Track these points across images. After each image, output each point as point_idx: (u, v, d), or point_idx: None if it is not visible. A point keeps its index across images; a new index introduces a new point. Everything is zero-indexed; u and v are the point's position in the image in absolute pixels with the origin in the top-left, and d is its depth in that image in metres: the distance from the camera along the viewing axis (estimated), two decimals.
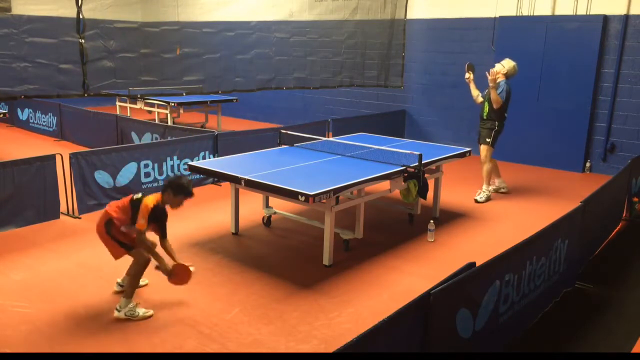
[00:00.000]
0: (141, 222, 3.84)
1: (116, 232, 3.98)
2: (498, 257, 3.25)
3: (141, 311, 3.96)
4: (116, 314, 3.93)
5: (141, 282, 4.25)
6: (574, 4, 8.77)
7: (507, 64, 7.03)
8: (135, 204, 3.91)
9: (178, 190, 3.95)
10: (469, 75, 7.26)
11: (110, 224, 3.97)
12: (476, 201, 7.08)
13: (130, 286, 4.00)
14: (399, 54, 9.81)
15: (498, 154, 9.66)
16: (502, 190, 7.45)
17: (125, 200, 4.02)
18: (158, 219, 3.99)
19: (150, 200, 3.90)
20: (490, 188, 7.30)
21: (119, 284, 4.33)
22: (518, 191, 7.66)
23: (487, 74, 6.89)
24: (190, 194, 3.99)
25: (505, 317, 3.46)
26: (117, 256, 4.03)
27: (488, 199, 7.16)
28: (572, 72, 8.74)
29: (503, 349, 3.49)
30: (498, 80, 6.87)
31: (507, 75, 7.03)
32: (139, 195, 4.00)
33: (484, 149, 7.17)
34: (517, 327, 3.67)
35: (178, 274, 4.08)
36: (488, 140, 7.09)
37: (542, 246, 3.80)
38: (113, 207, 4.00)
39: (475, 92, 7.32)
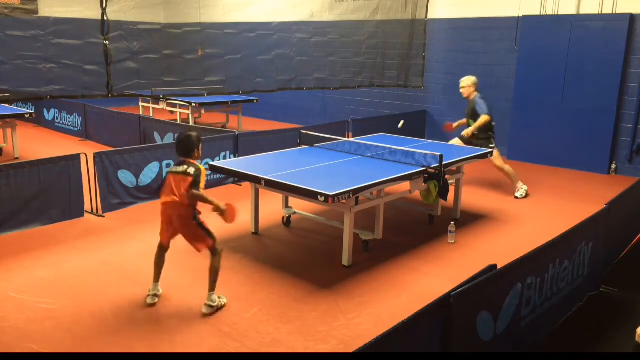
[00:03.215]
0: (202, 185, 3.94)
1: (201, 219, 4.04)
2: (520, 259, 3.21)
3: (224, 299, 4.15)
4: (207, 310, 3.99)
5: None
6: (599, 2, 8.61)
7: (469, 80, 7.14)
8: (194, 174, 3.92)
9: (197, 143, 4.08)
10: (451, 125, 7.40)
11: (196, 211, 4.01)
12: (516, 197, 7.23)
13: (214, 280, 4.05)
14: (420, 54, 9.76)
15: (521, 154, 9.57)
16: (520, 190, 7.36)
17: (175, 181, 3.95)
18: None
19: (199, 165, 4.00)
20: (523, 186, 7.37)
21: (152, 296, 4.19)
22: (542, 193, 7.55)
23: (464, 134, 7.12)
24: (201, 137, 4.18)
25: (528, 321, 3.41)
26: (201, 245, 4.03)
27: (526, 194, 7.32)
28: (597, 72, 8.58)
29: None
30: (472, 97, 7.10)
31: (477, 88, 7.16)
32: (182, 168, 3.97)
33: (494, 157, 6.93)
34: (539, 330, 3.62)
35: (230, 213, 4.06)
36: (492, 146, 6.97)
37: (566, 249, 3.74)
38: (183, 196, 3.91)
39: (463, 121, 7.41)
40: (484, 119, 6.90)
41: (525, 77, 9.32)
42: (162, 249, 4.23)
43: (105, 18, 6.13)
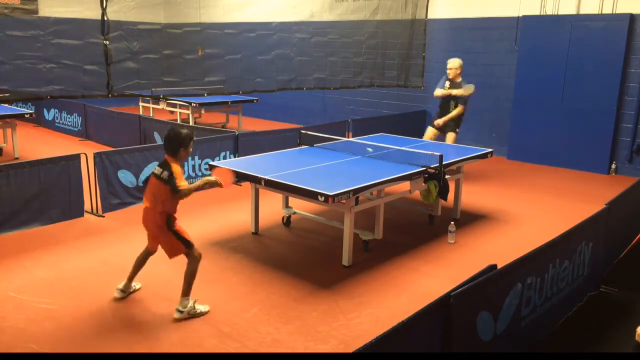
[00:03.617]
0: (183, 183, 3.79)
1: (177, 227, 3.94)
2: (520, 259, 3.21)
3: (201, 307, 3.98)
4: (178, 315, 3.90)
5: (136, 286, 4.28)
6: (599, 2, 8.61)
7: (457, 62, 7.50)
8: (168, 179, 3.80)
9: (189, 141, 3.92)
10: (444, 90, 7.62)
11: (170, 219, 3.90)
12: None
13: (188, 284, 3.95)
14: (420, 54, 9.76)
15: (521, 154, 9.57)
16: None
17: (153, 186, 3.90)
18: None
19: (175, 165, 3.84)
20: None
21: (120, 290, 4.21)
22: (541, 192, 7.55)
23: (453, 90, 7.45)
24: (193, 136, 3.99)
25: (528, 321, 3.41)
26: (175, 254, 3.96)
27: None
28: (597, 72, 8.58)
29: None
30: (457, 80, 7.51)
31: (461, 72, 7.58)
32: (158, 170, 3.88)
33: (453, 136, 7.57)
34: (539, 330, 3.62)
35: (221, 177, 4.03)
36: (458, 130, 7.61)
37: (566, 249, 3.74)
38: (158, 202, 3.85)
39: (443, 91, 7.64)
40: (459, 110, 7.40)
41: (525, 77, 9.32)
42: (148, 252, 4.23)
43: (105, 18, 6.13)
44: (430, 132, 7.80)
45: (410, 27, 9.58)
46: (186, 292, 3.96)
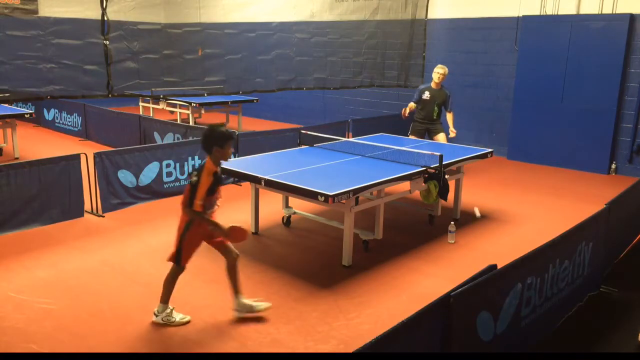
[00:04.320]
0: (198, 203, 3.58)
1: (189, 240, 3.78)
2: (520, 259, 3.21)
3: (178, 316, 3.88)
4: (154, 318, 3.89)
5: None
6: (599, 2, 8.61)
7: (445, 69, 7.53)
8: (194, 184, 3.60)
9: (224, 141, 3.65)
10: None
11: (187, 225, 3.74)
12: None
13: (164, 292, 3.87)
14: (420, 54, 9.76)
15: (521, 154, 9.57)
16: None
17: (184, 194, 3.71)
18: (219, 183, 3.76)
19: (205, 174, 3.61)
20: None
21: (236, 310, 4.02)
22: (541, 192, 7.55)
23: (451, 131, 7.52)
24: (233, 136, 3.69)
25: (528, 321, 3.41)
26: (169, 258, 3.85)
27: None
28: (597, 72, 8.58)
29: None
30: (439, 87, 7.58)
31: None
32: (194, 172, 3.67)
33: (444, 136, 7.63)
34: (539, 331, 3.62)
35: (234, 234, 3.80)
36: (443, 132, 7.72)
37: (566, 249, 3.74)
38: (182, 204, 3.71)
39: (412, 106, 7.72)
40: (453, 115, 7.60)
41: (525, 77, 9.32)
42: (226, 260, 3.97)
43: (105, 18, 6.14)
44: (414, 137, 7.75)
45: (410, 27, 9.59)
46: (163, 298, 3.87)
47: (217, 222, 3.72)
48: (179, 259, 3.83)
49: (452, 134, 7.52)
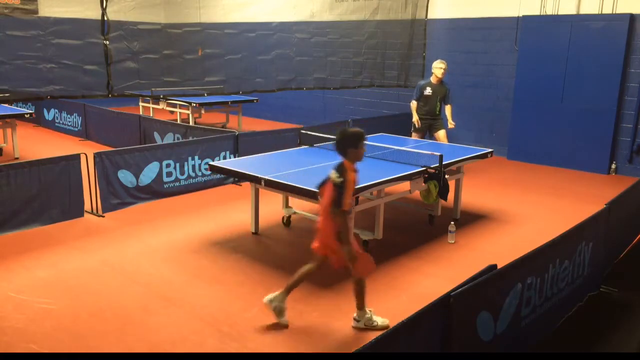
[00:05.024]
0: (348, 202, 3.46)
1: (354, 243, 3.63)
2: (520, 259, 3.20)
3: (379, 320, 3.85)
4: (354, 324, 3.85)
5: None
6: (599, 2, 8.61)
7: (446, 64, 7.68)
8: (339, 184, 3.45)
9: (356, 141, 3.54)
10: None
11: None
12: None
13: (359, 295, 3.77)
14: (420, 54, 9.77)
15: (521, 154, 9.57)
16: None
17: (328, 196, 3.57)
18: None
19: (349, 172, 3.49)
20: None
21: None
22: (541, 192, 7.55)
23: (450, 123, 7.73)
24: (364, 134, 3.58)
25: (528, 321, 3.41)
26: (341, 265, 3.67)
27: None
28: (597, 72, 8.58)
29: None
30: (440, 82, 7.68)
31: None
32: (334, 174, 3.51)
33: (444, 132, 7.81)
34: (539, 331, 3.62)
35: (362, 263, 3.61)
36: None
37: (566, 249, 3.74)
38: (324, 205, 3.59)
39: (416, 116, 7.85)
40: (451, 108, 7.75)
41: (525, 77, 9.32)
42: (316, 261, 3.83)
43: (105, 18, 6.14)
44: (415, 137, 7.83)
45: (410, 27, 9.59)
46: (359, 305, 3.83)
47: (354, 246, 3.56)
48: (355, 260, 3.58)
49: (451, 126, 7.69)
